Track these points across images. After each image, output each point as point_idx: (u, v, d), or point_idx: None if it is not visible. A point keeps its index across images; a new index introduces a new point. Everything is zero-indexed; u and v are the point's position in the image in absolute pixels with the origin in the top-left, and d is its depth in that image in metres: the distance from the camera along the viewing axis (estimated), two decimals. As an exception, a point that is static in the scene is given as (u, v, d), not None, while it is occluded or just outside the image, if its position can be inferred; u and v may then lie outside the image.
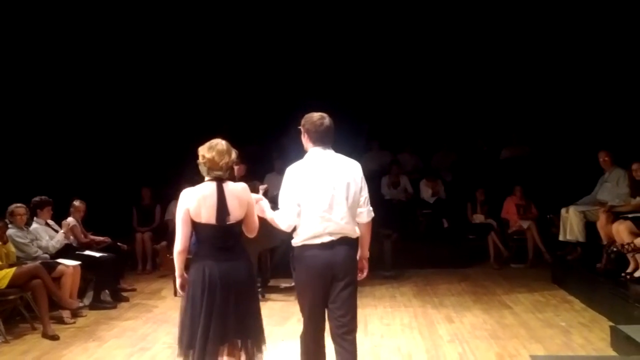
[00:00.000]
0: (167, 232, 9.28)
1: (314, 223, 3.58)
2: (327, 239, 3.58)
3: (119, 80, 10.66)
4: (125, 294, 7.39)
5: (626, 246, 5.88)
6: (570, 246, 7.44)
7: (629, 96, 8.58)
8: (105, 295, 7.03)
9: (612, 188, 7.09)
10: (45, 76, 9.55)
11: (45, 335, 5.75)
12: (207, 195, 3.62)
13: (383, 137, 11.05)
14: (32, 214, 6.87)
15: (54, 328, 5.90)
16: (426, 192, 9.76)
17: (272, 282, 7.76)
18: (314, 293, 3.65)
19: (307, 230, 3.60)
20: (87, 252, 7.15)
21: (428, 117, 11.11)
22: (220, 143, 3.73)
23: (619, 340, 4.79)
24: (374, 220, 3.80)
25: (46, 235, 6.92)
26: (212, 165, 3.66)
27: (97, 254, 7.13)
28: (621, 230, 6.05)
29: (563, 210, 7.35)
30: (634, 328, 4.81)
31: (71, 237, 7.26)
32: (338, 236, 3.60)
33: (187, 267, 3.88)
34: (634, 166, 6.53)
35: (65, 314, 6.33)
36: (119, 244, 7.88)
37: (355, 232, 3.68)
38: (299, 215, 3.61)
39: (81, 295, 6.89)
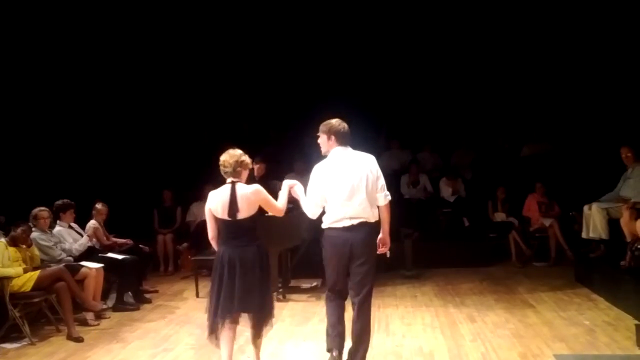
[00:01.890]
0: (188, 234, 9.35)
1: (336, 209, 4.35)
2: (347, 222, 4.32)
3: (140, 84, 10.77)
4: (147, 295, 7.44)
5: (651, 243, 5.80)
6: (593, 244, 7.33)
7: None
8: (128, 297, 7.07)
9: (635, 184, 6.97)
10: (68, 81, 9.69)
11: (70, 337, 5.82)
12: (223, 196, 4.38)
13: (402, 136, 11.02)
14: (55, 217, 6.96)
15: (78, 330, 5.97)
16: (446, 191, 9.71)
17: (293, 283, 7.76)
18: (336, 266, 4.40)
19: (331, 215, 4.38)
20: (110, 255, 7.21)
21: (447, 115, 11.05)
22: (234, 149, 4.50)
23: (644, 339, 4.73)
24: (393, 219, 4.53)
25: (69, 238, 7.01)
26: (223, 165, 4.42)
27: (120, 256, 7.19)
28: (645, 227, 5.97)
29: (586, 208, 7.25)
30: (660, 326, 4.76)
31: (94, 240, 7.34)
32: (357, 220, 4.31)
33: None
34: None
35: (89, 316, 6.40)
36: (141, 245, 7.93)
37: (373, 216, 4.38)
38: (322, 206, 4.40)
39: (104, 297, 6.96)
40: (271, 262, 6.91)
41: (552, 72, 10.25)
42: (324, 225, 4.46)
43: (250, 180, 8.24)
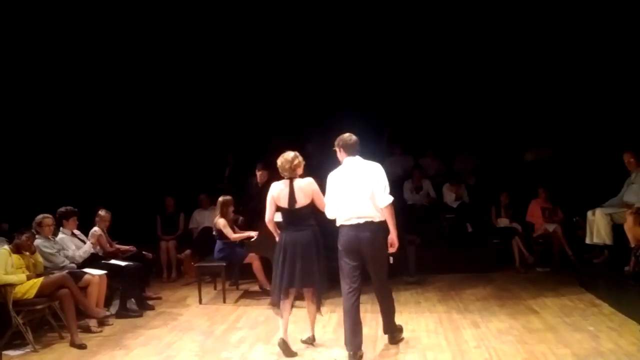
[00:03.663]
0: (191, 241, 9.35)
1: (345, 210, 5.06)
2: (354, 221, 5.00)
3: (143, 91, 10.79)
4: (150, 302, 7.43)
5: (655, 248, 5.78)
6: (597, 249, 7.33)
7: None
8: (131, 303, 7.07)
9: (638, 189, 6.96)
10: (71, 88, 9.72)
11: (73, 344, 5.82)
12: (283, 188, 5.30)
13: (405, 141, 11.01)
14: (58, 225, 6.96)
15: (82, 337, 5.97)
16: (449, 197, 9.69)
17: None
18: (346, 259, 5.07)
19: (341, 215, 5.08)
20: (113, 261, 7.21)
21: (450, 121, 11.05)
22: (288, 153, 5.37)
23: (649, 344, 4.71)
24: (398, 225, 5.15)
25: (72, 245, 7.01)
26: (281, 169, 5.34)
27: (123, 263, 7.19)
28: (649, 233, 5.96)
29: (589, 213, 7.23)
30: (665, 332, 4.74)
31: (97, 247, 7.35)
32: (363, 220, 4.99)
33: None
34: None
35: (92, 322, 6.40)
36: (144, 252, 7.92)
37: (377, 216, 5.01)
38: (337, 208, 5.09)
39: (107, 304, 6.94)
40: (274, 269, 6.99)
41: (554, 77, 10.25)
42: (337, 224, 5.12)
43: (254, 187, 8.32)
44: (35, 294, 5.89)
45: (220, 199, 7.58)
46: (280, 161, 5.36)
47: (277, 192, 5.31)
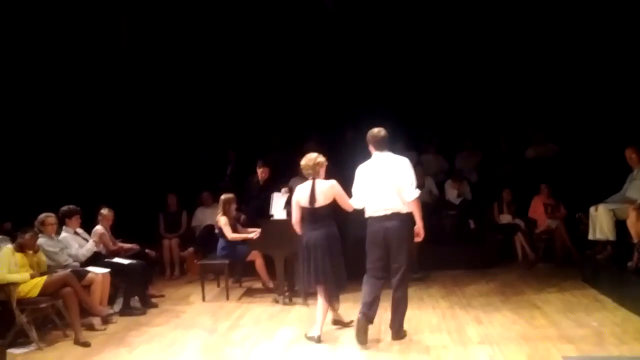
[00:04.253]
0: (194, 239, 9.36)
1: (373, 202, 5.28)
2: (382, 213, 5.23)
3: (145, 89, 10.80)
4: (154, 300, 7.44)
5: (657, 244, 5.78)
6: (600, 245, 7.32)
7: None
8: (135, 301, 7.09)
9: (641, 185, 6.97)
10: (73, 86, 9.73)
11: (77, 342, 5.83)
12: (305, 189, 5.57)
13: (407, 137, 10.99)
14: (61, 223, 6.96)
15: (85, 335, 5.98)
16: (452, 193, 9.68)
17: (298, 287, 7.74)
18: (373, 249, 5.28)
19: (370, 208, 5.31)
20: (116, 260, 7.23)
21: (452, 117, 11.04)
22: (311, 154, 5.66)
23: (653, 339, 4.71)
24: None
25: (75, 243, 7.01)
26: (304, 168, 5.59)
27: (126, 261, 7.20)
28: (652, 228, 5.95)
29: (592, 209, 7.23)
30: (668, 327, 4.74)
31: (100, 245, 7.35)
32: (389, 211, 5.21)
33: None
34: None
35: (96, 320, 6.42)
36: (147, 250, 7.93)
37: (404, 208, 5.22)
38: (364, 200, 5.32)
39: (111, 302, 6.97)
40: (277, 266, 7.02)
41: (556, 73, 10.24)
42: (365, 215, 5.34)
43: (255, 185, 8.31)
44: (39, 292, 5.90)
45: (223, 196, 7.59)
46: (303, 161, 5.61)
47: (299, 193, 5.62)
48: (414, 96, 11.06)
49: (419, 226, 5.27)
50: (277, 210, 7.42)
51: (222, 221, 7.45)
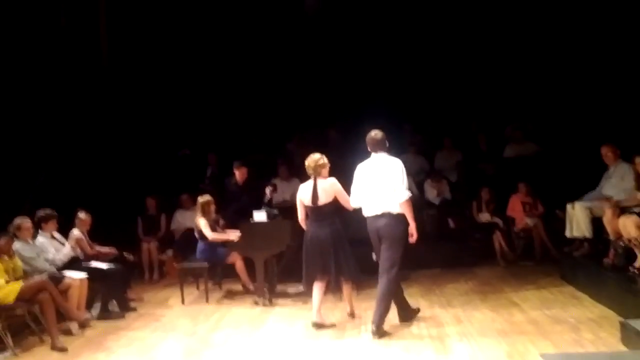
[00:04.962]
0: (173, 242, 9.29)
1: (367, 203, 5.58)
2: (374, 212, 5.52)
3: (123, 93, 10.72)
4: (132, 304, 7.36)
5: (633, 240, 5.85)
6: (577, 242, 7.40)
7: (632, 90, 8.55)
8: (113, 305, 7.01)
9: (617, 183, 7.03)
10: (49, 88, 9.61)
11: (54, 348, 5.74)
12: (308, 188, 5.86)
13: (386, 138, 11.02)
14: (37, 228, 6.87)
15: (63, 340, 5.88)
16: (431, 193, 9.72)
17: (279, 288, 7.73)
18: (375, 246, 5.63)
19: (365, 207, 5.61)
20: (94, 264, 7.14)
21: (431, 117, 11.11)
22: (314, 154, 5.96)
23: (629, 335, 4.76)
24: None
25: (52, 248, 6.91)
26: (307, 167, 5.89)
27: (104, 265, 7.12)
28: (628, 225, 6.01)
29: (569, 206, 7.30)
30: (643, 322, 4.79)
31: (77, 250, 7.26)
32: (381, 211, 5.48)
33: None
34: (637, 160, 6.48)
35: (73, 325, 6.34)
36: (125, 254, 7.85)
37: (395, 208, 5.44)
38: (361, 199, 5.61)
39: (89, 306, 6.88)
40: (257, 268, 6.99)
41: (535, 73, 10.35)
42: (364, 214, 5.63)
43: (234, 187, 8.26)
44: (15, 298, 5.79)
45: (200, 199, 7.55)
46: (307, 161, 5.92)
47: (302, 192, 5.90)
48: (394, 95, 11.10)
49: (412, 226, 5.48)
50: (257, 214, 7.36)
51: (202, 223, 7.41)
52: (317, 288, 5.91)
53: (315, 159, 5.89)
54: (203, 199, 7.53)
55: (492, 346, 5.07)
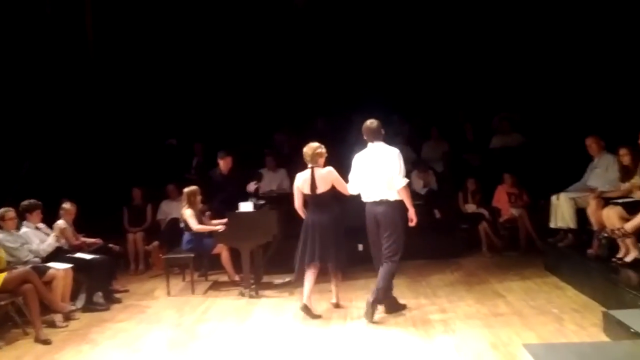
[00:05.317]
0: (159, 232, 9.25)
1: (366, 190, 5.78)
2: (372, 199, 5.72)
3: (108, 81, 10.63)
4: (118, 295, 7.34)
5: (616, 231, 5.89)
6: (561, 233, 7.45)
7: (616, 82, 8.59)
8: (98, 297, 6.96)
9: (601, 174, 7.10)
10: (34, 76, 9.50)
11: (38, 340, 5.71)
12: (306, 177, 6.00)
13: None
14: (21, 218, 6.82)
15: (47, 332, 5.86)
16: (417, 184, 9.72)
17: (265, 279, 7.73)
18: (369, 234, 5.84)
19: (363, 195, 5.81)
20: (79, 255, 7.09)
21: (418, 107, 11.11)
22: (313, 143, 6.06)
23: (611, 325, 4.80)
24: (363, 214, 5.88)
25: (36, 239, 6.86)
26: (305, 156, 6.00)
27: (89, 256, 7.08)
28: (611, 216, 6.07)
29: (553, 198, 7.36)
30: (625, 313, 4.83)
31: (62, 240, 7.21)
32: (379, 198, 5.69)
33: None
34: (621, 151, 6.55)
35: (58, 317, 6.29)
36: (110, 245, 7.81)
37: (392, 195, 5.66)
38: (359, 186, 5.81)
39: (73, 298, 6.81)
40: (243, 259, 6.98)
41: (522, 65, 10.37)
42: (363, 200, 5.82)
43: (219, 177, 8.22)
44: (-2, 289, 5.77)
45: (186, 189, 7.51)
46: (305, 150, 6.03)
47: (300, 181, 6.05)
48: (382, 86, 11.08)
49: (411, 212, 5.73)
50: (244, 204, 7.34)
51: (188, 213, 7.38)
52: (311, 274, 6.03)
53: (313, 147, 6.01)
54: (189, 189, 7.50)
55: (477, 337, 5.10)
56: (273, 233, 7.22)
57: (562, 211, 7.19)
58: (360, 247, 7.56)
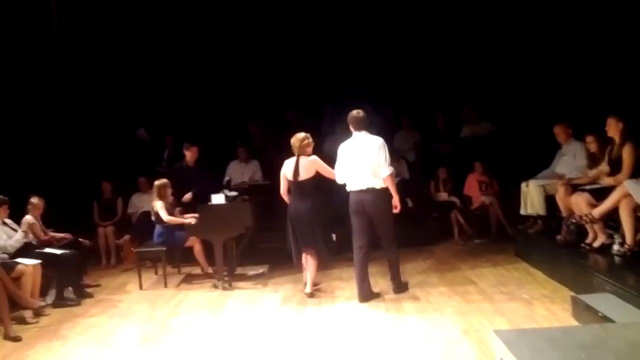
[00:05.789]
0: (130, 226, 9.15)
1: (352, 178, 5.96)
2: (359, 187, 5.92)
3: (75, 72, 10.44)
4: (89, 290, 7.26)
5: (584, 217, 5.99)
6: (531, 220, 7.56)
7: (582, 71, 8.71)
8: (69, 292, 6.88)
9: (569, 161, 7.20)
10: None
11: (7, 337, 5.62)
12: (291, 164, 6.25)
13: (345, 120, 11.01)
14: (-12, 214, 6.69)
15: (16, 329, 5.77)
16: (390, 173, 9.76)
17: (239, 270, 7.71)
18: (354, 219, 6.02)
19: (349, 183, 5.99)
20: (48, 250, 7.00)
21: (389, 97, 11.13)
22: (300, 133, 6.32)
23: (579, 309, 4.90)
24: (340, 203, 6.41)
25: (4, 234, 6.73)
26: (292, 145, 6.25)
27: (58, 251, 6.98)
28: (580, 202, 6.17)
29: (523, 185, 7.45)
30: (593, 297, 4.94)
31: (30, 236, 7.08)
32: (365, 186, 5.89)
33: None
34: (588, 139, 6.65)
35: (27, 313, 6.19)
36: (80, 239, 7.70)
37: (378, 184, 5.87)
38: (345, 175, 5.99)
39: (43, 293, 6.74)
40: (216, 251, 6.94)
41: (491, 55, 10.45)
42: (347, 190, 6.01)
43: (186, 170, 8.05)
44: (-35, 287, 5.65)
45: (156, 182, 7.43)
46: (292, 140, 6.28)
47: (285, 168, 6.30)
48: (353, 77, 11.07)
49: (395, 199, 5.94)
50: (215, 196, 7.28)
51: (158, 205, 7.30)
52: (307, 259, 6.38)
53: (300, 138, 6.25)
54: (159, 182, 7.42)
55: (449, 323, 5.16)
56: (246, 225, 7.19)
57: (531, 198, 7.29)
58: (334, 236, 7.57)
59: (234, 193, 7.63)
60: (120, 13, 10.71)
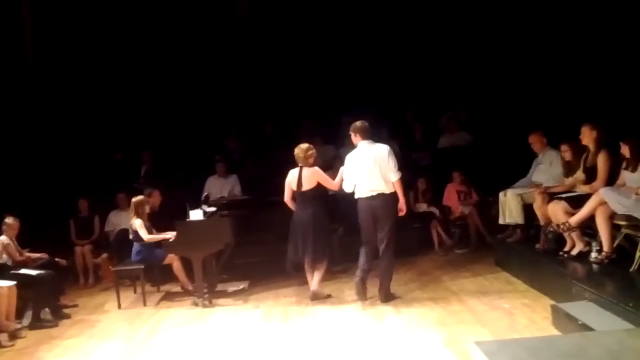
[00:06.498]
0: (107, 244, 9.02)
1: (361, 185, 6.25)
2: (369, 193, 6.21)
3: (50, 88, 10.33)
4: (66, 310, 7.10)
5: (562, 226, 6.04)
6: (510, 229, 7.60)
7: (556, 80, 8.82)
8: (46, 313, 6.74)
9: (546, 169, 7.26)
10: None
11: (-18, 361, 5.50)
12: (294, 175, 6.53)
13: (325, 131, 11.02)
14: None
15: (-9, 353, 5.66)
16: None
17: (219, 287, 7.63)
18: (364, 224, 6.32)
19: (359, 189, 6.28)
20: (24, 271, 6.84)
21: (368, 108, 11.15)
22: (303, 145, 6.61)
23: (559, 318, 4.92)
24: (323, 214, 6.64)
25: (-22, 256, 6.61)
26: (296, 156, 6.53)
27: (34, 272, 6.83)
28: (557, 211, 6.22)
29: (501, 194, 7.48)
30: (573, 305, 4.97)
31: (5, 257, 6.95)
32: (375, 192, 6.18)
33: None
34: (563, 147, 6.72)
35: (3, 337, 6.05)
36: (57, 259, 7.56)
37: (387, 189, 6.18)
38: (354, 183, 6.29)
39: (19, 315, 6.59)
40: (195, 268, 6.86)
41: (469, 65, 10.56)
42: (356, 196, 6.31)
43: (149, 213, 7.76)
44: (-63, 310, 5.52)
45: (134, 199, 7.35)
46: (296, 151, 6.55)
47: (290, 178, 6.57)
48: (331, 89, 11.11)
49: (401, 202, 6.22)
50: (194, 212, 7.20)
51: (137, 224, 7.21)
52: (307, 266, 6.58)
53: (304, 148, 6.53)
54: (136, 199, 7.34)
55: (430, 336, 5.14)
56: (225, 241, 7.13)
57: (509, 207, 7.33)
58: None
59: (212, 209, 7.56)
60: (95, 28, 10.65)
